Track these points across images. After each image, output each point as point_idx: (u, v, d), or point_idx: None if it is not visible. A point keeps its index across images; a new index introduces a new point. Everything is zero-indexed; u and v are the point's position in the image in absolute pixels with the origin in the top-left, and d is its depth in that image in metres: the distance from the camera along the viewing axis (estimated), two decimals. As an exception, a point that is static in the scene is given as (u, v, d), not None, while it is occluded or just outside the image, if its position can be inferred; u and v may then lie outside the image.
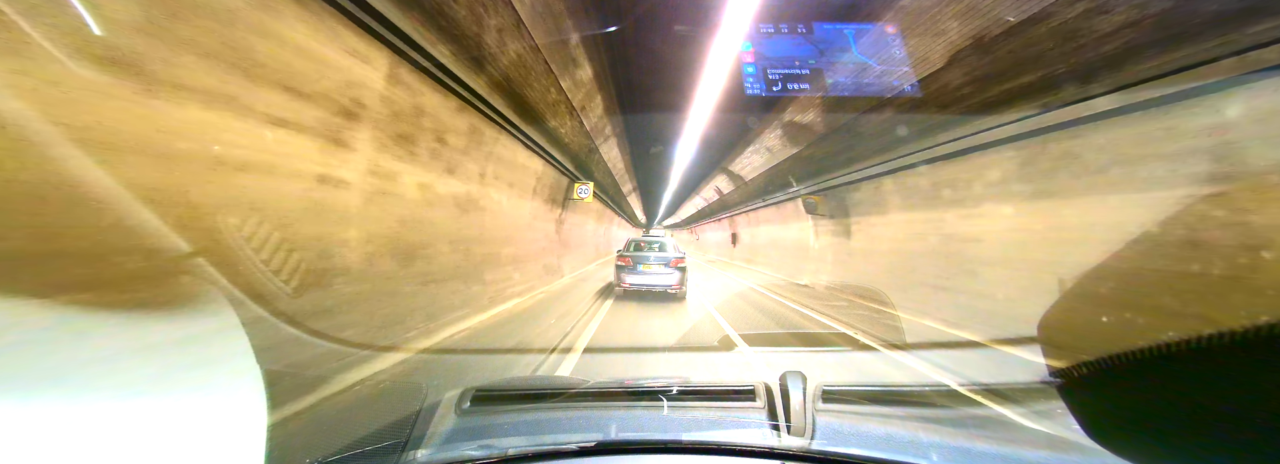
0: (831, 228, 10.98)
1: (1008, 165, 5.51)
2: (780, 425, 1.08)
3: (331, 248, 3.51)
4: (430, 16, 3.91)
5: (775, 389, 1.24)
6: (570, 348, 4.52)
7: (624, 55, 6.84)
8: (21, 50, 1.79)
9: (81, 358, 1.65)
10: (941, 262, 6.83)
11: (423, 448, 1.03)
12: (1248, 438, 0.50)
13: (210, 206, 2.52)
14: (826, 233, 11.32)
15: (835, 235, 10.82)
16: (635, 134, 12.16)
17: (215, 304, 2.24)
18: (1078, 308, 3.82)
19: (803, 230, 12.82)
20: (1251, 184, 3.26)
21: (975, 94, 5.16)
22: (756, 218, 17.57)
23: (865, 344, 5.00)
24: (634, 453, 1.02)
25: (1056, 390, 0.73)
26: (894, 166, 7.55)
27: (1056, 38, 3.90)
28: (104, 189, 2.05)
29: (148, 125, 2.22)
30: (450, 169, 5.41)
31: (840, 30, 4.66)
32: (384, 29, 3.52)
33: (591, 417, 1.23)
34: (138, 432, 1.26)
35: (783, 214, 14.27)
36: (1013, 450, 1.05)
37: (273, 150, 2.95)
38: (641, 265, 7.85)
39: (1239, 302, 3.16)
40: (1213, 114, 3.48)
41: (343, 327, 3.49)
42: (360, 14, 3.28)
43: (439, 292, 5.16)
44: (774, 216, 15.31)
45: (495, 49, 4.81)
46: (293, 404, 2.70)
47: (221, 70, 2.55)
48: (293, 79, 3.01)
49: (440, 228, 5.36)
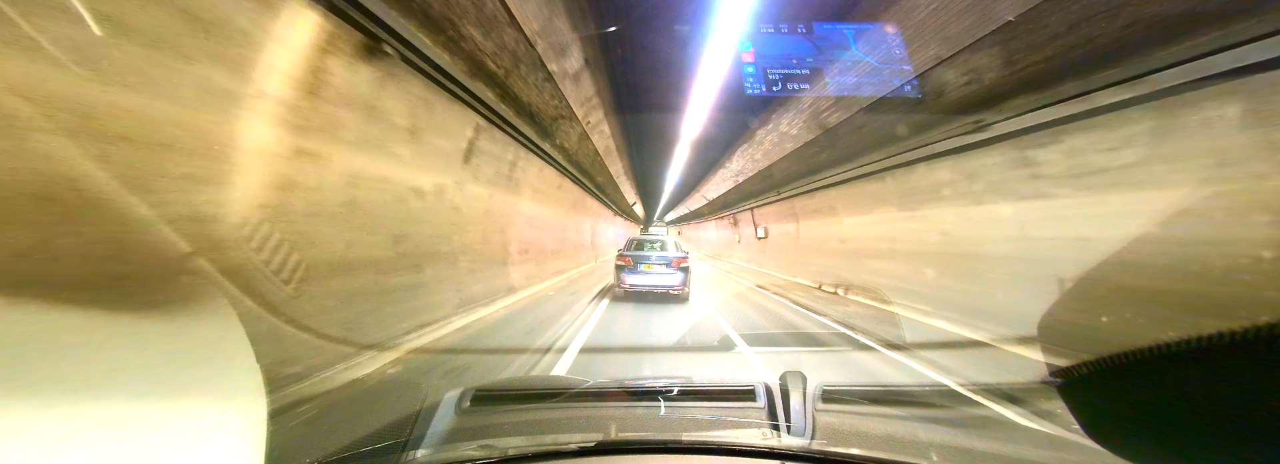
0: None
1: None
2: (780, 425, 1.08)
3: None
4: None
5: (775, 389, 1.24)
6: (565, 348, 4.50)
7: (623, 55, 6.82)
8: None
9: (81, 357, 1.65)
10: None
11: (423, 448, 1.03)
12: (1248, 438, 0.50)
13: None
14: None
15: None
16: (635, 135, 12.10)
17: (214, 302, 2.24)
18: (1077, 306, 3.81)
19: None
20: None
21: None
22: (761, 215, 16.87)
23: (864, 344, 5.01)
24: (634, 453, 1.02)
25: (1057, 390, 0.73)
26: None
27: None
28: (110, 189, 2.05)
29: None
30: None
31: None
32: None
33: (592, 416, 1.23)
34: (137, 431, 1.26)
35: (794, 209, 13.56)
36: (1013, 450, 1.05)
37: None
38: (642, 265, 7.58)
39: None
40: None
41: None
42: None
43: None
44: (781, 214, 14.63)
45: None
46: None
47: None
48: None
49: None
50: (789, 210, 13.93)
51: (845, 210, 10.34)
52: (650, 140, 13.06)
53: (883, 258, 8.81)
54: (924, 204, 7.42)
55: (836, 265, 10.61)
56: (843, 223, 10.58)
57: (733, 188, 17.19)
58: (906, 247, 8.05)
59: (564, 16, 4.99)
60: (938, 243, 7.13)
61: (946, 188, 6.75)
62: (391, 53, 3.74)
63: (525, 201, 8.98)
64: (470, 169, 6.12)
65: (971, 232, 6.43)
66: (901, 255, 8.19)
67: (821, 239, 11.97)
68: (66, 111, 1.95)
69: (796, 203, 12.98)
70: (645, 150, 14.54)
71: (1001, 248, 5.83)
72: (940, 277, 7.02)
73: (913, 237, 7.84)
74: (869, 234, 9.42)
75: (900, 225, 8.18)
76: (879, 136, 7.32)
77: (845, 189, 9.81)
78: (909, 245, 7.97)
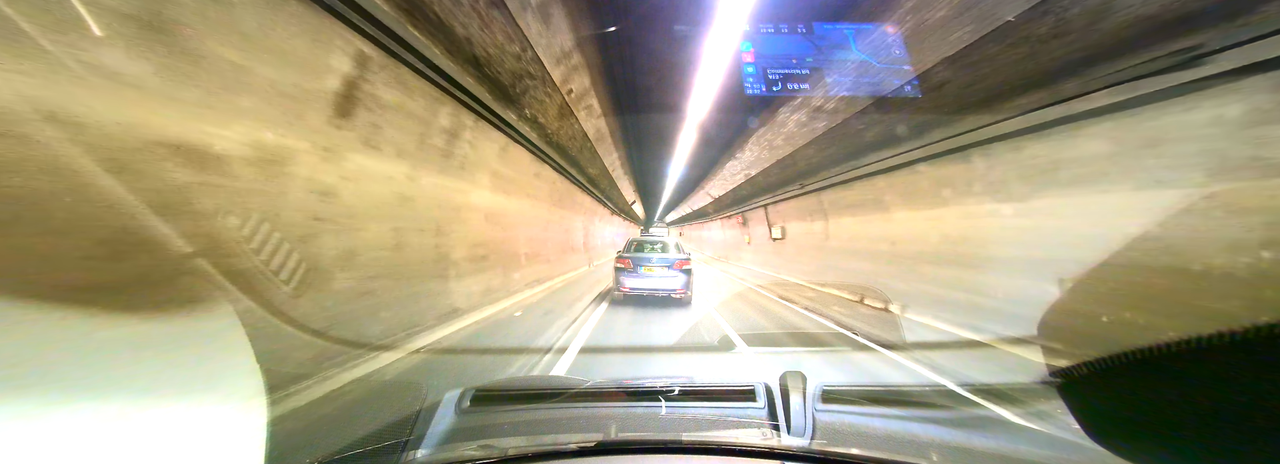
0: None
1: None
2: (780, 425, 1.08)
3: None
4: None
5: (775, 389, 1.24)
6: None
7: (623, 55, 6.80)
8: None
9: (81, 357, 1.65)
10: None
11: (423, 448, 1.03)
12: (1248, 438, 0.50)
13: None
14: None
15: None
16: (634, 134, 12.06)
17: (213, 302, 2.24)
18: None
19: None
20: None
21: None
22: (776, 213, 15.05)
23: (863, 344, 5.00)
24: (634, 453, 1.02)
25: (1056, 390, 0.73)
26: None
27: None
28: (114, 194, 2.05)
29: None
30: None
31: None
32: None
33: (591, 416, 1.23)
34: (138, 431, 1.26)
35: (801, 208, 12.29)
36: (1012, 450, 1.05)
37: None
38: (642, 267, 7.17)
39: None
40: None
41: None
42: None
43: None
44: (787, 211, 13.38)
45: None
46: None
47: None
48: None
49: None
50: (814, 206, 11.85)
51: (900, 203, 8.13)
52: (649, 129, 11.22)
53: (958, 265, 6.57)
54: (1047, 190, 4.94)
55: (881, 272, 8.69)
56: (894, 219, 8.41)
57: (744, 181, 14.98)
58: (1011, 252, 5.63)
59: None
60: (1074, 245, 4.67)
61: (1102, 163, 4.26)
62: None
63: (480, 190, 6.65)
64: (355, 129, 3.80)
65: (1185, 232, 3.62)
66: (998, 264, 5.82)
67: (861, 239, 9.86)
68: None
69: (826, 197, 10.94)
70: (645, 141, 12.66)
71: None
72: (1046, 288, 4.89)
73: (1027, 238, 5.35)
74: (940, 233, 7.01)
75: (1002, 222, 5.74)
76: (974, 92, 4.92)
77: (903, 175, 7.56)
78: (1015, 249, 5.54)
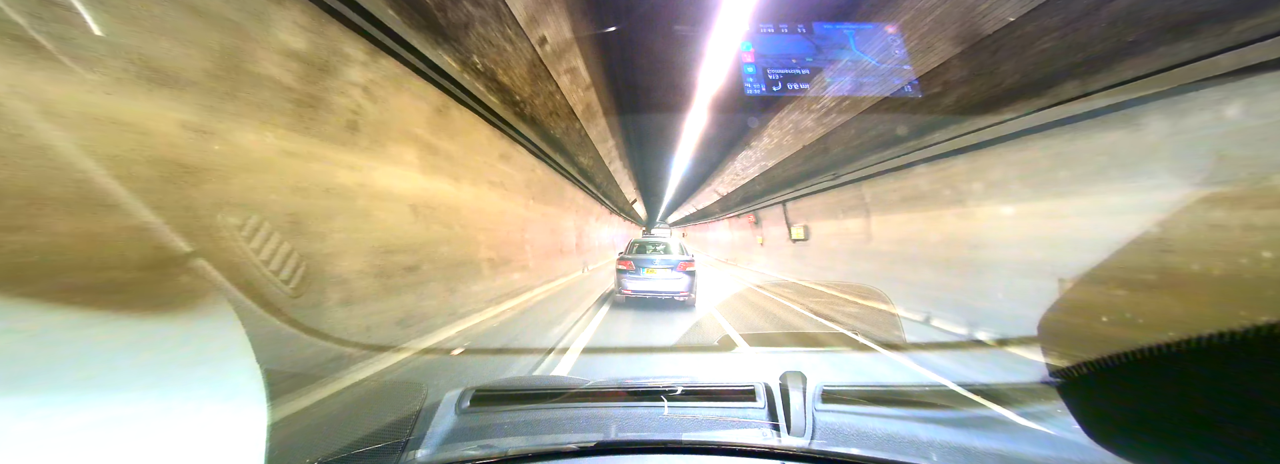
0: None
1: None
2: (780, 425, 1.09)
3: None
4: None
5: (775, 389, 1.24)
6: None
7: (623, 55, 6.80)
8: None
9: (81, 357, 1.65)
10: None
11: (423, 448, 1.03)
12: (1248, 438, 0.50)
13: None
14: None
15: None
16: (634, 135, 12.06)
17: (213, 302, 2.24)
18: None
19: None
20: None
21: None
22: (797, 210, 13.14)
23: (863, 344, 5.00)
24: (634, 453, 1.02)
25: (1056, 390, 0.73)
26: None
27: None
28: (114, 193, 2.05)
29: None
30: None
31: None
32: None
33: (591, 417, 1.23)
34: (138, 431, 1.26)
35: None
36: (1012, 450, 1.05)
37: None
38: (645, 269, 6.98)
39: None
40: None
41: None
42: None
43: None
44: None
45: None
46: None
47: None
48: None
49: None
50: (852, 200, 9.46)
51: (981, 195, 6.00)
52: (650, 128, 10.44)
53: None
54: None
55: (953, 285, 6.48)
56: (975, 215, 6.17)
57: (759, 175, 13.04)
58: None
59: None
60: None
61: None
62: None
63: (397, 169, 4.43)
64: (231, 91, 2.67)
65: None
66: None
67: (921, 243, 7.37)
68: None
69: (869, 189, 8.68)
70: (645, 133, 11.52)
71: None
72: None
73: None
74: (1051, 235, 4.84)
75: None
76: (1083, 50, 3.72)
77: (989, 156, 5.60)
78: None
